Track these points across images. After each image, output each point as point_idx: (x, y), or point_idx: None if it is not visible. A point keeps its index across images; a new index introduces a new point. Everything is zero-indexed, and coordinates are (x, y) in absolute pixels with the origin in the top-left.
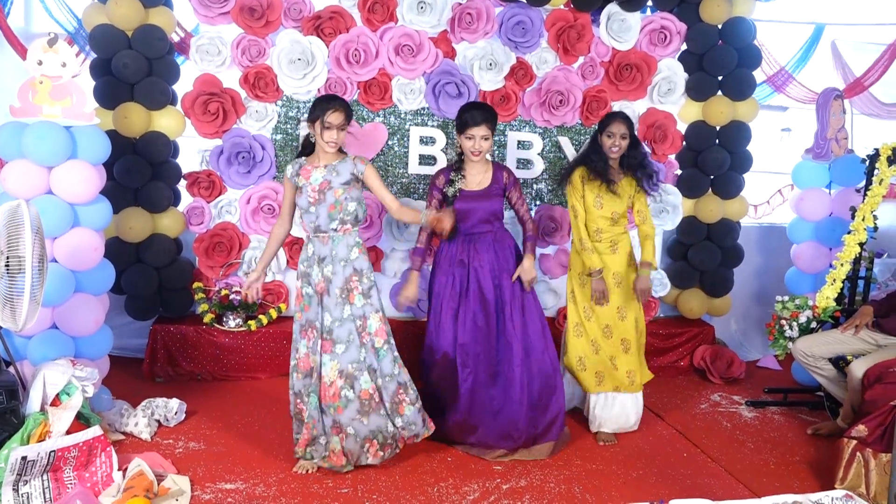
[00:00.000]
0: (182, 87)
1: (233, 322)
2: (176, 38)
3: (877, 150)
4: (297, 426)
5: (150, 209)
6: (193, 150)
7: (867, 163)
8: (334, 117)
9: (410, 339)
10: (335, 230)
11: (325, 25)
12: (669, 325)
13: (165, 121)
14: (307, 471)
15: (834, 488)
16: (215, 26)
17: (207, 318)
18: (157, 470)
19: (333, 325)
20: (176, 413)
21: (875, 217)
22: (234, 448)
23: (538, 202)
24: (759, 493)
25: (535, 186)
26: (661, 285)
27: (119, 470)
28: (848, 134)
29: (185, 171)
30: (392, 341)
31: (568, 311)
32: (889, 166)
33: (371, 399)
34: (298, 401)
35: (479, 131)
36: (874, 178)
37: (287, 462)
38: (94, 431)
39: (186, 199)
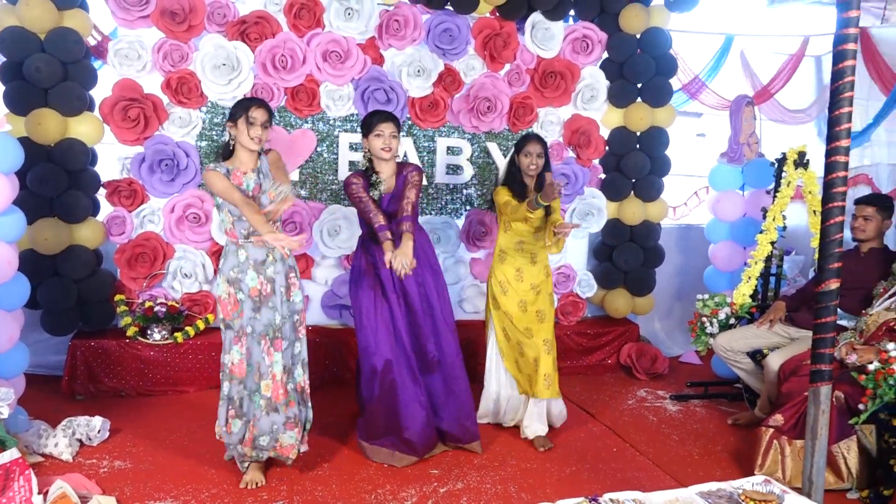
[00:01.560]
0: (100, 92)
1: (158, 335)
2: (92, 42)
3: (784, 154)
4: (227, 437)
5: (66, 219)
6: (113, 157)
7: (776, 166)
8: (259, 113)
9: (343, 347)
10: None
11: (250, 30)
12: (596, 324)
13: (82, 127)
14: (257, 485)
15: (753, 474)
16: (135, 30)
17: (131, 332)
18: (81, 491)
19: (282, 323)
20: (99, 431)
21: (784, 217)
22: (163, 465)
23: (468, 207)
24: (685, 483)
25: (464, 192)
26: (588, 286)
27: (39, 493)
28: (758, 138)
29: (104, 179)
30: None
31: (492, 318)
32: (795, 169)
33: (304, 391)
34: (231, 409)
35: (388, 128)
36: (783, 181)
37: (220, 476)
38: (11, 454)
39: (106, 209)
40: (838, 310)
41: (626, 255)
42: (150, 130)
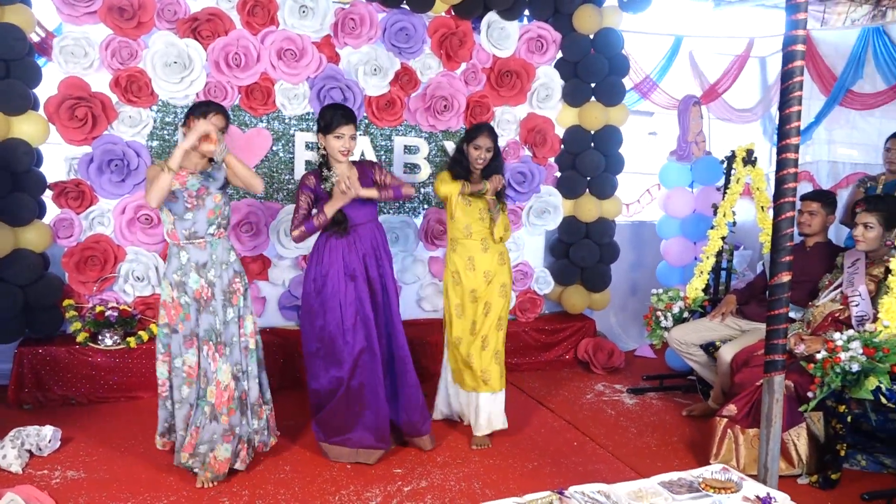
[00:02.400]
0: (45, 90)
1: (109, 340)
2: (36, 39)
3: (733, 152)
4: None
5: (11, 223)
6: (60, 158)
7: (725, 163)
8: (216, 120)
9: (300, 348)
10: (212, 234)
11: (202, 28)
12: (554, 320)
13: (27, 127)
14: (213, 483)
15: (709, 463)
16: (81, 26)
17: (81, 338)
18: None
19: (223, 328)
20: (50, 441)
21: (733, 213)
22: (119, 473)
23: (426, 206)
24: (645, 473)
25: (422, 190)
26: (545, 283)
27: None
28: (706, 137)
29: (50, 180)
30: (260, 343)
31: (443, 306)
32: (744, 166)
33: (246, 401)
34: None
35: (349, 130)
36: (732, 178)
37: (178, 483)
38: None
39: (53, 211)
40: None
41: (583, 252)
42: (98, 130)
